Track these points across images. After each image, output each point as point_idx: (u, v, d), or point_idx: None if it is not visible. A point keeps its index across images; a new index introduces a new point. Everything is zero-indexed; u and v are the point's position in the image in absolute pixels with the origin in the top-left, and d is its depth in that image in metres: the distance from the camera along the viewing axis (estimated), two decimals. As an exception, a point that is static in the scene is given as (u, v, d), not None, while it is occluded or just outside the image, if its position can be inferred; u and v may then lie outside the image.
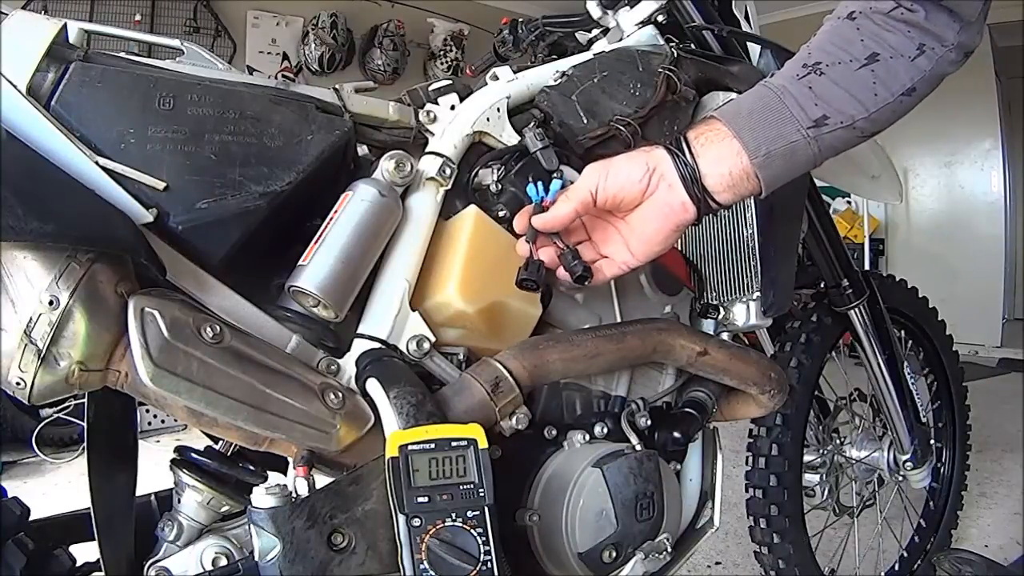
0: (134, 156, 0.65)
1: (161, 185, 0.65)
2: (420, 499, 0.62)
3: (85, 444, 0.74)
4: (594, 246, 0.78)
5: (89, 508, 0.69)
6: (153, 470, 0.84)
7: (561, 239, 0.76)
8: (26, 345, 0.57)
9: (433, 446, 0.64)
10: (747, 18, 1.11)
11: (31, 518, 0.72)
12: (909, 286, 1.58)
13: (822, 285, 1.37)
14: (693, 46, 1.03)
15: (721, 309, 1.00)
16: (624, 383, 0.90)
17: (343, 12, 4.31)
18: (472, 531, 0.62)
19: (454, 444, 0.64)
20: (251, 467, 0.75)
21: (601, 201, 0.74)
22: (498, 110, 0.87)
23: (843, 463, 1.52)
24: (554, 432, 0.83)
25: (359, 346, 0.75)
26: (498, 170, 0.85)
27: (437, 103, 0.86)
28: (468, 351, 0.80)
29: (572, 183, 0.76)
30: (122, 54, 0.71)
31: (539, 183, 0.76)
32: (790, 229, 1.03)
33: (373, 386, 0.69)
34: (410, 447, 0.63)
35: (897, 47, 0.69)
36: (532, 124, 0.88)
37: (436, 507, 0.62)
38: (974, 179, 4.61)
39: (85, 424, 0.73)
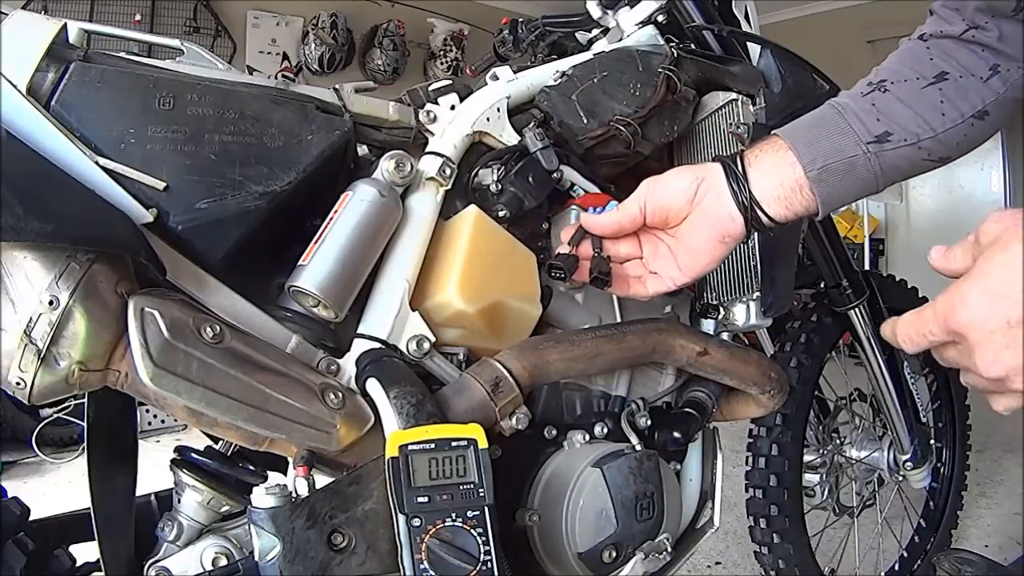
0: (134, 156, 0.65)
1: (161, 185, 0.65)
2: (420, 499, 0.62)
3: (85, 444, 0.74)
4: (645, 263, 0.77)
5: (89, 508, 0.69)
6: (153, 470, 0.84)
7: (600, 244, 0.75)
8: (26, 345, 0.57)
9: (433, 446, 0.64)
10: (747, 18, 1.11)
11: (31, 518, 0.72)
12: (909, 286, 1.58)
13: (822, 285, 1.37)
14: (693, 46, 1.03)
15: (721, 309, 1.00)
16: (624, 383, 0.90)
17: (343, 12, 4.31)
18: (472, 531, 0.62)
19: (454, 444, 0.64)
20: (251, 467, 0.75)
21: (650, 213, 0.72)
22: (498, 110, 0.87)
23: (843, 463, 1.53)
24: (554, 432, 0.83)
25: (359, 346, 0.75)
26: (498, 170, 0.85)
27: (437, 103, 0.86)
28: (468, 351, 0.80)
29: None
30: (122, 54, 0.71)
31: (594, 209, 0.78)
32: (790, 229, 1.03)
33: (373, 386, 0.69)
34: (410, 447, 0.63)
35: (968, 66, 0.67)
36: (532, 124, 0.88)
37: (436, 507, 0.62)
38: (974, 179, 4.61)
39: (85, 424, 0.73)
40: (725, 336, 1.00)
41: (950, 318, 0.48)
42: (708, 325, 1.00)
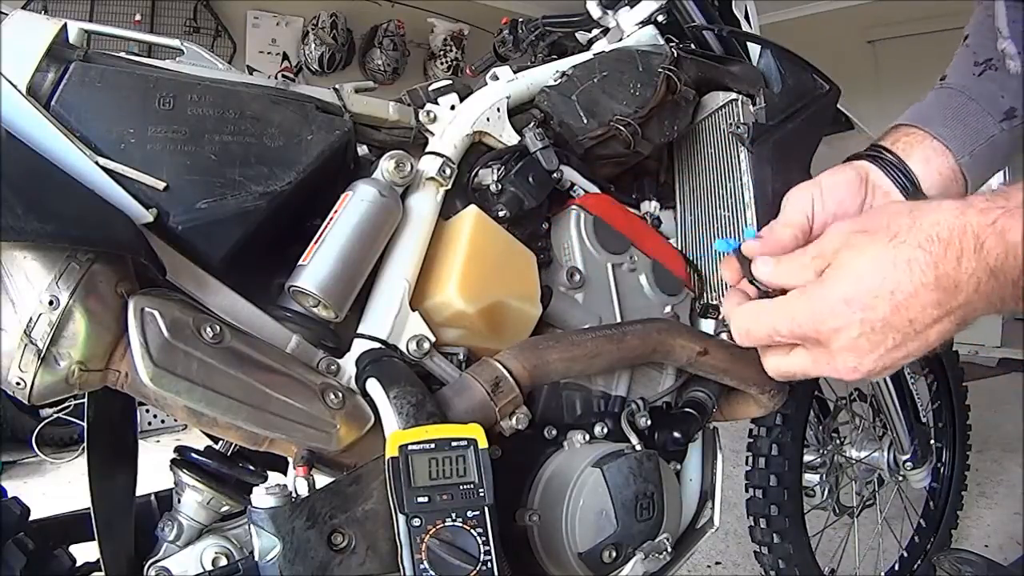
0: (134, 156, 0.65)
1: (161, 185, 0.65)
2: (420, 499, 0.62)
3: (85, 444, 0.74)
4: None
5: (89, 508, 0.69)
6: (153, 470, 0.84)
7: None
8: (26, 345, 0.57)
9: (433, 446, 0.64)
10: (747, 18, 1.11)
11: (31, 518, 0.72)
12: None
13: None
14: (693, 46, 1.03)
15: (721, 309, 1.00)
16: (624, 383, 0.90)
17: (343, 12, 4.31)
18: (472, 531, 0.62)
19: (454, 444, 0.64)
20: (251, 467, 0.75)
21: (819, 223, 0.61)
22: (498, 110, 0.87)
23: (843, 463, 1.53)
24: (554, 432, 0.83)
25: (359, 346, 0.75)
26: (498, 170, 0.85)
27: (437, 103, 0.86)
28: (468, 351, 0.80)
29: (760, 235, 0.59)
30: (122, 54, 0.71)
31: (726, 239, 0.62)
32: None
33: (373, 386, 0.69)
34: (410, 447, 0.63)
35: None
36: (532, 124, 0.88)
37: (436, 507, 0.62)
38: (974, 179, 4.61)
39: (85, 424, 0.73)
40: (725, 336, 1.00)
41: (807, 324, 0.48)
42: (708, 325, 1.00)
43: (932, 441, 1.56)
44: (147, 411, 2.77)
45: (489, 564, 0.62)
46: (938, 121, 0.68)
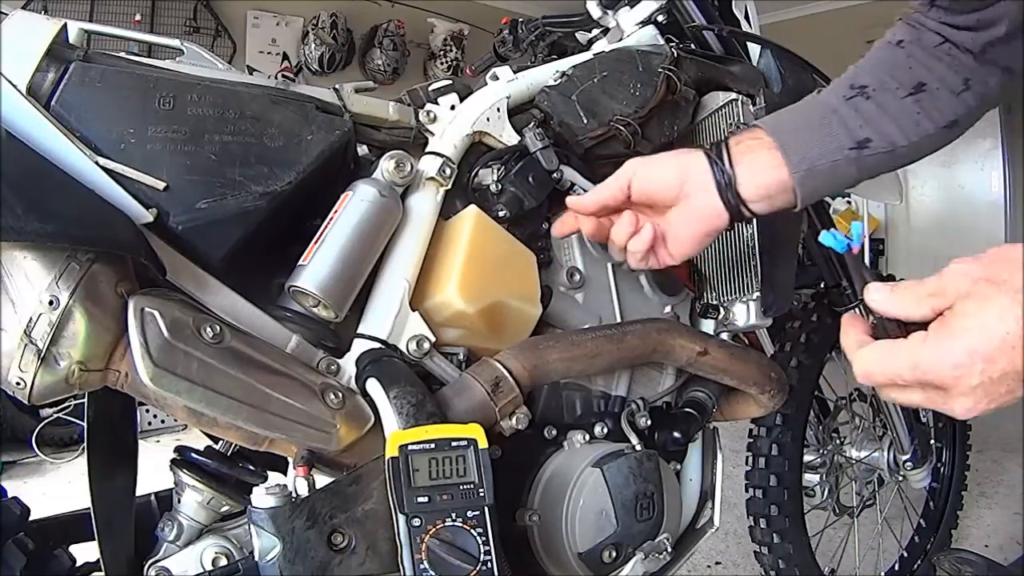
0: (134, 156, 0.65)
1: (161, 185, 0.65)
2: (420, 499, 0.62)
3: (85, 444, 0.74)
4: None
5: (89, 508, 0.69)
6: (153, 470, 0.84)
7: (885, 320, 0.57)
8: (26, 345, 0.57)
9: (433, 446, 0.64)
10: (747, 18, 1.11)
11: (31, 518, 0.72)
12: (909, 286, 1.58)
13: (822, 285, 1.37)
14: (693, 46, 1.03)
15: (721, 309, 1.00)
16: (624, 383, 0.90)
17: (343, 12, 4.31)
18: (472, 531, 0.62)
19: (454, 444, 0.64)
20: (251, 467, 0.75)
21: (635, 193, 0.76)
22: (498, 110, 0.87)
23: (843, 463, 1.52)
24: (554, 432, 0.83)
25: (359, 346, 0.75)
26: (498, 170, 0.85)
27: (437, 103, 0.86)
28: (468, 351, 0.80)
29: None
30: (122, 54, 0.71)
31: (835, 232, 0.59)
32: (790, 229, 1.03)
33: (373, 386, 0.69)
34: (410, 447, 0.63)
35: (943, 79, 0.69)
36: (532, 124, 0.88)
37: (436, 507, 0.62)
38: (974, 179, 4.61)
39: (85, 424, 0.73)
40: (725, 336, 1.00)
41: (931, 372, 0.50)
42: (708, 325, 1.00)
43: (932, 441, 1.56)
44: (147, 411, 2.77)
45: (489, 564, 0.62)
46: (789, 130, 0.71)
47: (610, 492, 0.76)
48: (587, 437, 0.84)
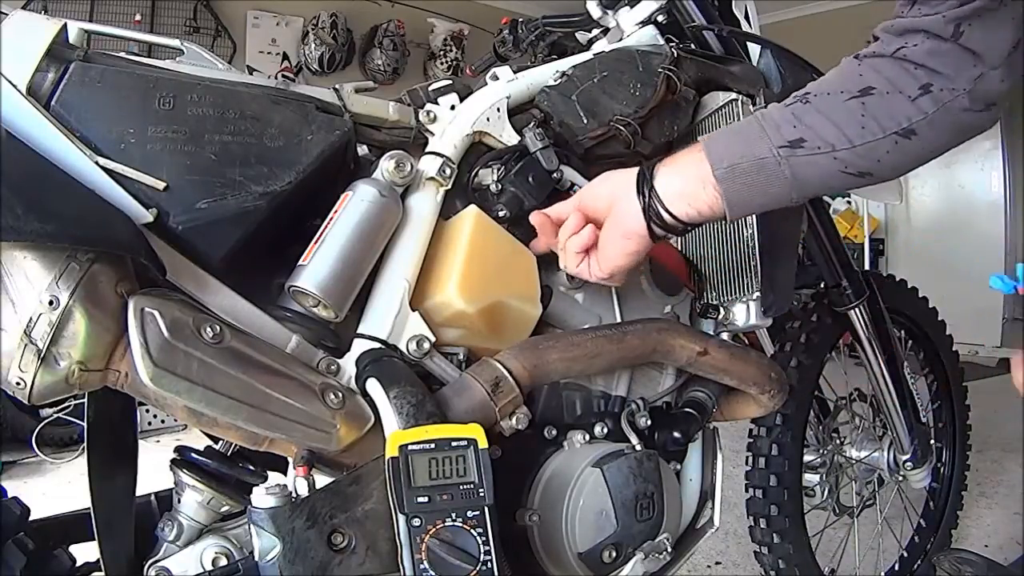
0: (134, 156, 0.65)
1: (161, 185, 0.65)
2: (420, 499, 0.62)
3: (85, 444, 0.74)
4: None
5: (89, 508, 0.69)
6: (153, 470, 0.84)
7: None
8: (26, 345, 0.57)
9: (433, 446, 0.64)
10: (747, 18, 1.11)
11: (31, 518, 0.72)
12: (909, 286, 1.58)
13: (822, 285, 1.37)
14: (693, 46, 1.03)
15: (721, 309, 1.00)
16: (624, 383, 0.90)
17: (343, 12, 4.31)
18: (472, 531, 0.62)
19: (454, 444, 0.64)
20: (251, 467, 0.75)
21: (581, 207, 0.78)
22: (498, 110, 0.87)
23: (843, 463, 1.52)
24: (554, 432, 0.83)
25: (359, 346, 0.75)
26: (498, 170, 0.85)
27: (437, 103, 0.86)
28: (468, 351, 0.80)
29: None
30: (122, 54, 0.71)
31: (1004, 277, 0.69)
32: (790, 229, 1.03)
33: (373, 386, 0.69)
34: (410, 447, 0.63)
35: (896, 82, 0.65)
36: (532, 124, 0.88)
37: (436, 507, 0.62)
38: (974, 179, 4.61)
39: (85, 424, 0.73)
40: (725, 336, 1.00)
41: None
42: (708, 325, 1.00)
43: (932, 441, 1.55)
44: (147, 411, 2.77)
45: (489, 564, 0.62)
46: (718, 136, 0.72)
47: (610, 492, 0.76)
48: (587, 437, 0.84)
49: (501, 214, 0.83)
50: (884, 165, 0.67)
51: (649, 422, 0.88)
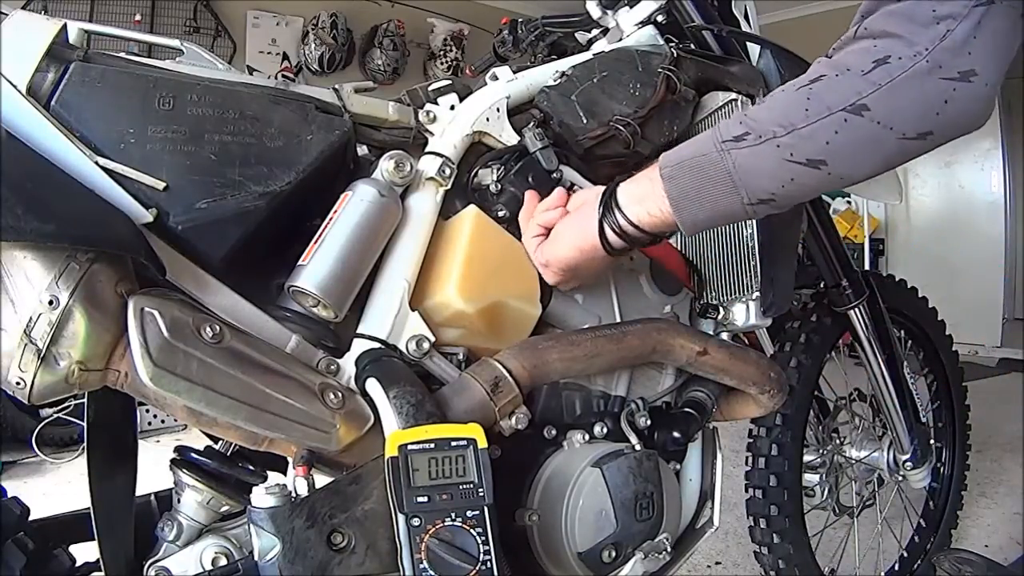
0: (134, 156, 0.65)
1: (161, 185, 0.65)
2: (420, 499, 0.62)
3: (85, 444, 0.74)
4: None
5: (89, 508, 0.69)
6: (153, 470, 0.84)
7: None
8: (26, 345, 0.57)
9: (433, 446, 0.64)
10: (747, 18, 1.11)
11: (31, 518, 0.72)
12: (909, 286, 1.58)
13: (822, 285, 1.37)
14: (693, 46, 1.03)
15: (721, 309, 1.00)
16: (624, 383, 0.90)
17: (343, 12, 4.31)
18: (472, 531, 0.62)
19: (454, 444, 0.64)
20: (251, 467, 0.75)
21: (570, 202, 0.81)
22: (498, 110, 0.87)
23: (843, 463, 1.52)
24: (554, 432, 0.83)
25: (359, 346, 0.75)
26: (498, 170, 0.85)
27: (437, 103, 0.86)
28: (468, 351, 0.80)
29: None
30: (122, 54, 0.71)
31: None
32: (790, 229, 1.03)
33: (373, 386, 0.69)
34: (410, 447, 0.63)
35: (849, 64, 0.61)
36: (532, 124, 0.88)
37: (436, 507, 0.62)
38: (974, 179, 4.60)
39: (85, 424, 0.73)
40: (725, 336, 1.00)
41: None
42: (708, 325, 1.00)
43: (932, 441, 1.55)
44: (147, 411, 2.77)
45: (489, 564, 0.62)
46: (676, 146, 0.73)
47: (610, 492, 0.76)
48: (587, 437, 0.84)
49: (501, 214, 0.83)
50: (837, 150, 0.62)
51: (649, 422, 0.88)
